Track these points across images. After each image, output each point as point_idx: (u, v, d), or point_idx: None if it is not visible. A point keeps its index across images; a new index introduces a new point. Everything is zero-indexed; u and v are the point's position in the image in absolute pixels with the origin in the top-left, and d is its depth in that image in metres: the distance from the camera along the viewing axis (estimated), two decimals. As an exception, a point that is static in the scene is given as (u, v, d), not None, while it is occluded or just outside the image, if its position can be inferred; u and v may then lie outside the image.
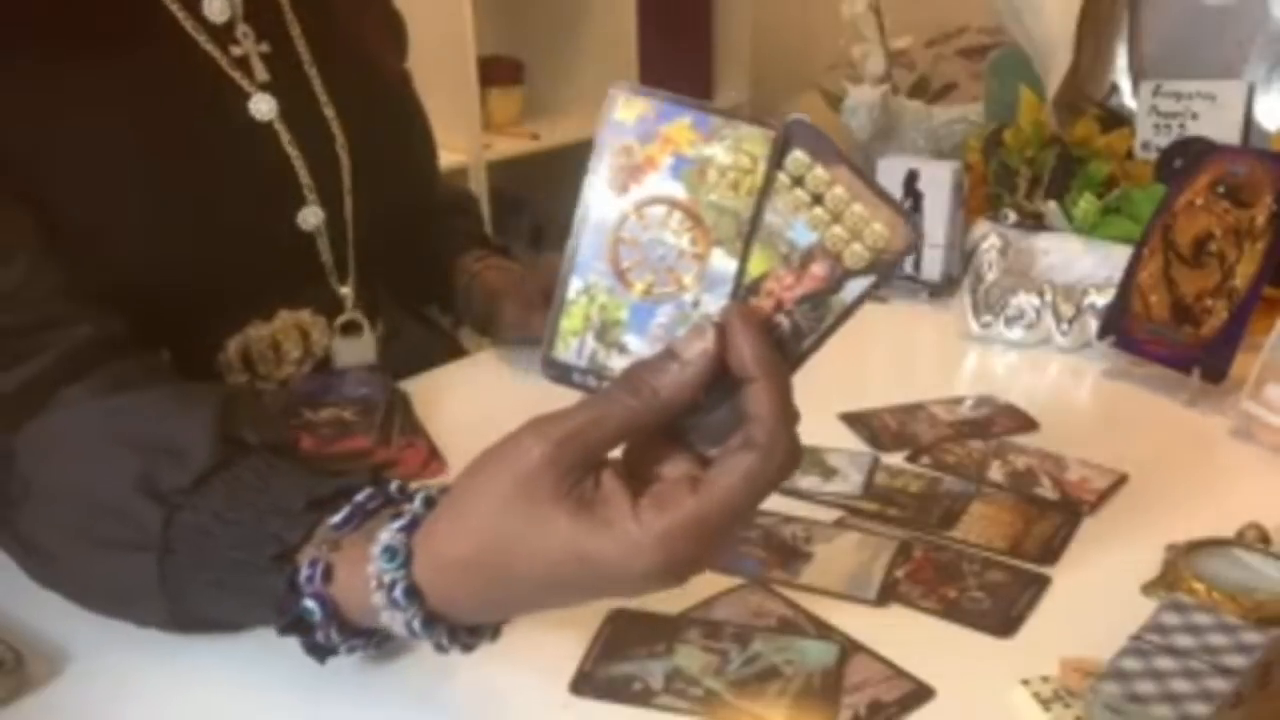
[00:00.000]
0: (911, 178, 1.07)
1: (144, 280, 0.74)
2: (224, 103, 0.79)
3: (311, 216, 0.82)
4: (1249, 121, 1.07)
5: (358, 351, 0.87)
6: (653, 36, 2.62)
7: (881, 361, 1.03)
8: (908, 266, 1.09)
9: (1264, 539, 0.67)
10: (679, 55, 2.77)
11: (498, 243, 1.07)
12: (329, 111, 0.84)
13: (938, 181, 1.06)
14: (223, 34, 0.79)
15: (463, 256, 1.01)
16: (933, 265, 1.08)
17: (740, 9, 2.83)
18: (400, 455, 0.79)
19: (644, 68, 2.63)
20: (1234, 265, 0.88)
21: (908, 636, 0.62)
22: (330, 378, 0.85)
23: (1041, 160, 1.11)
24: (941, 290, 1.09)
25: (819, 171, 0.48)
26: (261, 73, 0.81)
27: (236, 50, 0.80)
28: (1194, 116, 1.08)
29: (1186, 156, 0.98)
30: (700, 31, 2.83)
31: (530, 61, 2.62)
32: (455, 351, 1.03)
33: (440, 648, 0.53)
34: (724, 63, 2.87)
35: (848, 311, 0.49)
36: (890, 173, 1.09)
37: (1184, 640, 0.53)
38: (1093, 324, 0.97)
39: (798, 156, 0.48)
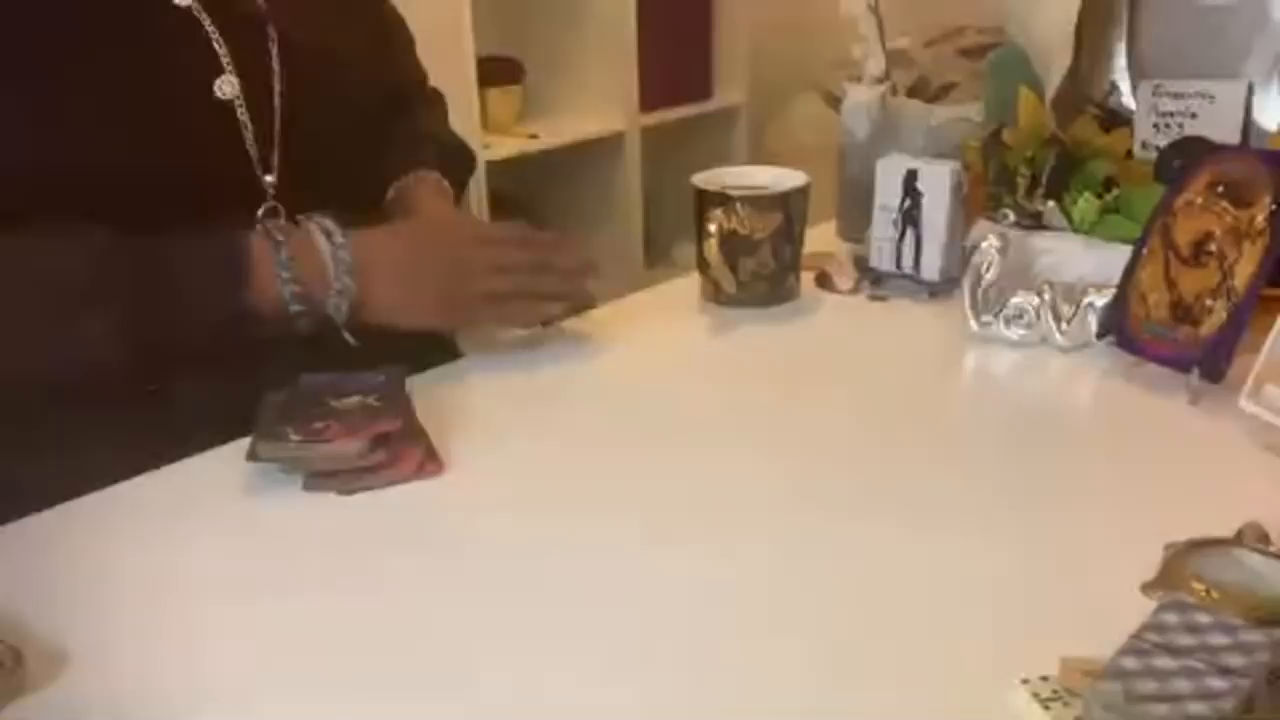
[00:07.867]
0: (911, 178, 1.07)
1: (69, 160, 0.79)
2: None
3: (228, 86, 0.86)
4: (1249, 121, 1.06)
5: None
6: (653, 37, 2.62)
7: (881, 361, 1.03)
8: (908, 266, 1.09)
9: (1264, 539, 0.67)
10: (679, 55, 2.77)
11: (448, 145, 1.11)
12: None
13: (937, 181, 1.06)
14: None
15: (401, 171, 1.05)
16: (932, 265, 1.08)
17: (740, 9, 2.82)
18: (397, 456, 0.79)
19: (644, 68, 2.62)
20: (1233, 265, 0.88)
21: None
22: (347, 372, 0.86)
23: (1041, 160, 1.11)
24: (941, 290, 1.09)
25: None
26: None
27: None
28: (1193, 116, 1.08)
29: (1186, 156, 0.98)
30: (700, 31, 2.83)
31: (530, 61, 2.61)
32: (452, 352, 1.03)
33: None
34: (724, 63, 2.87)
35: None
36: (890, 173, 1.08)
37: (1184, 640, 0.53)
38: (1092, 324, 0.97)
39: None
